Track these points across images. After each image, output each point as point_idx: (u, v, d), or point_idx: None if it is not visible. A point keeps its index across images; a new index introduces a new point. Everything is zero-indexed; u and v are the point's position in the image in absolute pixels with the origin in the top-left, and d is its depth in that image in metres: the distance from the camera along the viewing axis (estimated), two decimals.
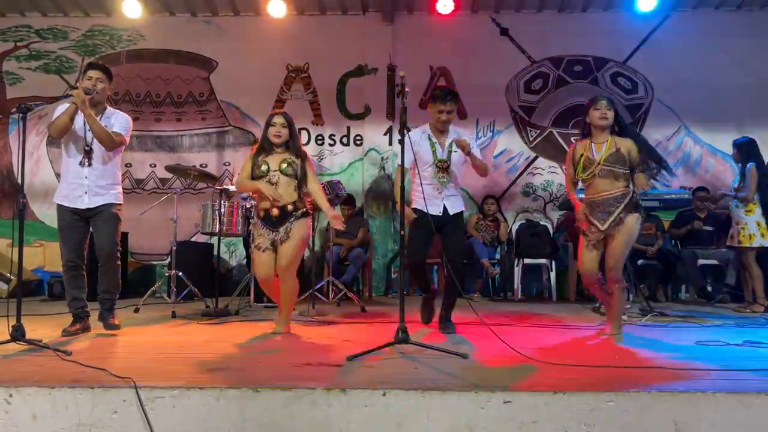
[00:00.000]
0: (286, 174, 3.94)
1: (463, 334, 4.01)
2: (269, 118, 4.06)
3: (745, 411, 2.27)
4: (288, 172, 3.95)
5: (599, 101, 3.98)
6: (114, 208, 3.97)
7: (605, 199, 3.88)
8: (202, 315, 5.01)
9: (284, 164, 3.95)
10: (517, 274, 6.99)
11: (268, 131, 4.03)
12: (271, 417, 2.33)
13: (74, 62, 7.86)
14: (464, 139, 4.07)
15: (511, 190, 7.69)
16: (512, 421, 2.29)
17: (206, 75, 7.88)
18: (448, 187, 4.12)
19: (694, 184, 7.27)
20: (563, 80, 7.79)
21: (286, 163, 3.96)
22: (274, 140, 4.01)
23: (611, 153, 3.88)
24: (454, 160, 4.12)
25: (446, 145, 4.11)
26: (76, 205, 3.88)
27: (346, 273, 6.68)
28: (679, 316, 5.02)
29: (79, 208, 3.88)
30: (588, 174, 3.93)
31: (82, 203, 3.88)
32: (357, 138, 7.79)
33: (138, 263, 7.59)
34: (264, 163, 3.97)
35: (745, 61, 7.47)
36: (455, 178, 4.18)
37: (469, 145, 4.03)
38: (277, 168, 3.94)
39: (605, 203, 3.88)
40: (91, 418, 2.34)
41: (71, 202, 3.89)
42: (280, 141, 4.01)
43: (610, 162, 3.87)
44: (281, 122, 4.02)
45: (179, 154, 7.76)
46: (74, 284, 3.93)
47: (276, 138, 4.00)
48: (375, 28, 7.73)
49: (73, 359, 2.91)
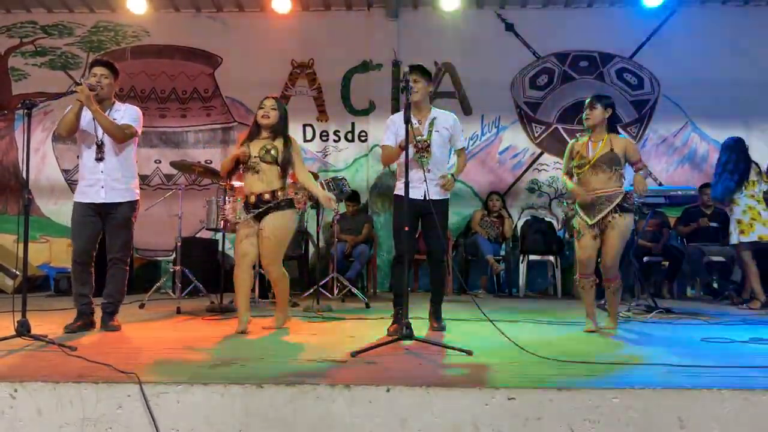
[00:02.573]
0: (265, 161, 3.86)
1: (468, 331, 4.00)
2: (261, 102, 4.02)
3: (751, 408, 2.26)
4: (267, 159, 3.86)
5: (584, 103, 4.08)
6: (131, 210, 3.98)
7: (598, 196, 3.94)
8: (206, 311, 5.02)
9: (263, 150, 3.87)
10: (521, 271, 6.97)
11: (257, 113, 3.98)
12: (275, 413, 2.33)
13: (80, 58, 7.87)
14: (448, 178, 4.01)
15: (515, 186, 7.67)
16: (517, 418, 2.28)
17: (211, 71, 7.88)
18: (431, 170, 3.93)
19: (701, 180, 7.24)
20: (569, 76, 7.75)
21: (265, 149, 3.87)
22: (262, 121, 3.95)
23: (605, 153, 3.95)
24: (436, 140, 3.98)
25: (426, 124, 3.98)
26: (93, 199, 3.90)
27: (351, 269, 6.68)
28: (685, 313, 4.99)
29: (95, 203, 3.90)
30: (581, 170, 3.99)
31: (98, 197, 3.89)
32: (362, 134, 7.78)
33: (143, 259, 7.60)
34: (248, 148, 3.92)
35: (752, 56, 7.41)
36: (438, 162, 4.02)
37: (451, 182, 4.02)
38: (257, 154, 3.87)
39: (597, 200, 3.94)
40: (95, 413, 2.35)
41: (90, 198, 3.91)
42: (267, 122, 3.94)
43: (602, 161, 3.94)
44: (270, 104, 3.97)
45: (184, 150, 7.77)
46: (81, 280, 3.93)
47: (264, 119, 3.94)
48: (379, 23, 7.71)
49: (78, 354, 2.91)
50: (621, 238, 3.91)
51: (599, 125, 4.01)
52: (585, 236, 3.96)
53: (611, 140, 3.98)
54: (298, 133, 7.66)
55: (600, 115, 4.00)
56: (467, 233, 7.32)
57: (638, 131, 7.68)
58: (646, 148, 7.65)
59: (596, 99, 4.06)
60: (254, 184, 3.91)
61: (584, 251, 3.98)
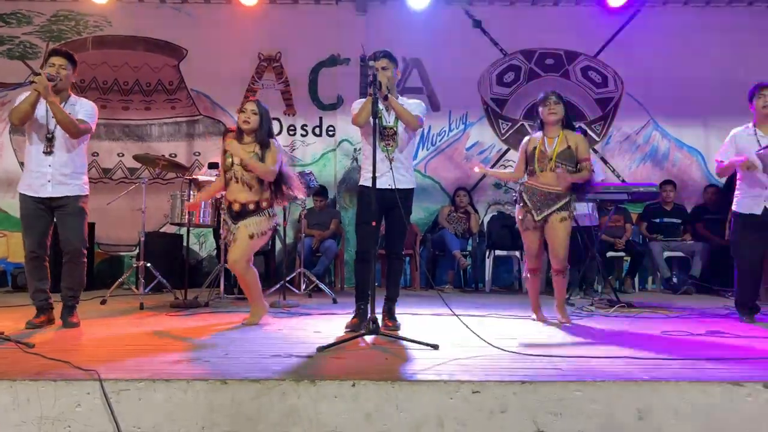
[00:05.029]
0: (248, 169, 3.90)
1: (434, 325, 4.03)
2: (242, 104, 4.03)
3: (707, 399, 2.32)
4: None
5: (548, 98, 4.11)
6: (80, 201, 3.87)
7: (548, 192, 4.04)
8: (171, 307, 4.95)
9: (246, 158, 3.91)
10: (488, 266, 7.04)
11: (238, 117, 4.00)
12: (239, 409, 2.31)
13: (38, 48, 7.64)
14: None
15: (482, 182, 7.73)
16: (481, 411, 2.30)
17: (176, 63, 7.74)
18: (398, 158, 3.84)
19: (662, 177, 7.42)
20: (535, 73, 7.84)
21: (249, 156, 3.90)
22: (243, 126, 3.97)
23: (563, 149, 4.05)
24: (402, 127, 3.88)
25: (393, 111, 3.87)
26: (40, 194, 3.78)
27: (318, 264, 6.65)
28: (647, 307, 5.10)
29: (42, 197, 3.79)
30: (542, 167, 4.06)
31: (45, 192, 3.78)
32: (330, 129, 7.75)
33: (105, 254, 7.46)
34: (231, 156, 3.95)
35: (712, 56, 7.59)
36: (405, 152, 3.93)
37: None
38: (240, 162, 3.91)
39: (547, 196, 4.04)
40: (53, 412, 2.29)
41: (35, 191, 3.79)
42: (248, 128, 3.95)
43: (562, 158, 4.03)
44: (252, 108, 3.96)
45: (148, 144, 7.62)
46: (36, 275, 3.83)
47: (245, 124, 3.95)
48: (348, 18, 7.68)
49: (35, 352, 2.84)
50: (568, 230, 4.06)
51: (560, 121, 4.09)
52: (530, 230, 4.10)
53: (566, 136, 4.08)
54: None
55: (562, 111, 4.08)
56: (434, 228, 7.36)
57: (602, 129, 7.81)
58: (610, 145, 7.80)
59: (557, 95, 4.12)
60: (238, 192, 3.92)
61: (531, 245, 4.14)
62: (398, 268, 4.06)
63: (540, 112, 4.13)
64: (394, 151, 3.84)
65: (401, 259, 4.07)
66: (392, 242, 3.98)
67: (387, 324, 3.84)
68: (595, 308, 4.97)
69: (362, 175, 3.96)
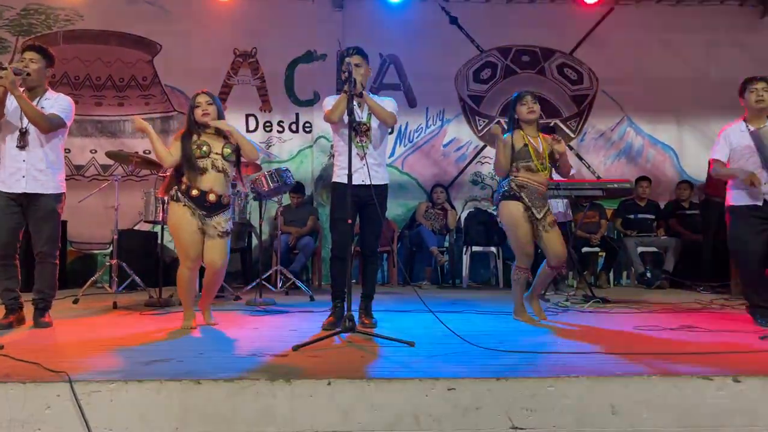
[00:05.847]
0: (229, 160, 3.78)
1: (411, 322, 4.03)
2: (192, 100, 3.81)
3: (678, 393, 2.36)
4: (231, 159, 3.79)
5: (524, 96, 4.08)
6: (55, 202, 3.80)
7: (543, 192, 4.05)
8: (145, 305, 4.89)
9: (228, 149, 3.77)
10: (465, 262, 7.08)
11: (194, 113, 3.77)
12: (213, 408, 2.29)
13: (8, 42, 7.48)
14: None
15: (459, 178, 7.76)
16: (456, 408, 2.31)
17: (150, 58, 7.63)
18: (372, 154, 3.82)
19: (636, 173, 7.51)
20: (511, 70, 7.88)
21: (230, 148, 3.78)
22: (204, 119, 3.76)
23: (550, 151, 4.05)
24: (375, 124, 3.86)
25: (365, 107, 3.85)
26: (14, 189, 3.71)
27: (295, 262, 6.62)
28: (621, 302, 5.16)
29: (16, 193, 3.71)
30: (535, 162, 3.98)
31: (19, 187, 3.71)
32: (306, 125, 7.71)
33: (78, 252, 7.34)
34: (204, 143, 3.73)
35: (684, 54, 7.72)
36: (378, 147, 3.91)
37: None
38: (220, 152, 3.76)
39: (543, 196, 4.04)
40: (22, 414, 2.25)
41: (8, 186, 3.72)
42: (210, 119, 3.77)
43: (551, 159, 4.06)
44: (206, 100, 3.78)
45: (121, 140, 7.51)
46: (5, 274, 3.75)
47: (205, 116, 3.75)
48: (324, 13, 7.64)
49: (4, 353, 2.78)
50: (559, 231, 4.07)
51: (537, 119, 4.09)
52: (526, 227, 4.00)
53: (541, 137, 4.09)
54: (240, 123, 7.53)
55: (539, 109, 4.09)
56: (412, 225, 7.36)
57: (577, 125, 7.88)
58: (585, 142, 7.88)
59: (533, 94, 4.11)
60: (215, 182, 3.74)
61: (527, 242, 4.02)
62: (374, 265, 4.04)
63: (517, 110, 4.06)
64: (368, 147, 3.82)
65: (377, 255, 4.05)
66: (368, 239, 3.96)
67: (364, 321, 3.84)
68: (570, 304, 5.02)
69: (335, 172, 3.94)
